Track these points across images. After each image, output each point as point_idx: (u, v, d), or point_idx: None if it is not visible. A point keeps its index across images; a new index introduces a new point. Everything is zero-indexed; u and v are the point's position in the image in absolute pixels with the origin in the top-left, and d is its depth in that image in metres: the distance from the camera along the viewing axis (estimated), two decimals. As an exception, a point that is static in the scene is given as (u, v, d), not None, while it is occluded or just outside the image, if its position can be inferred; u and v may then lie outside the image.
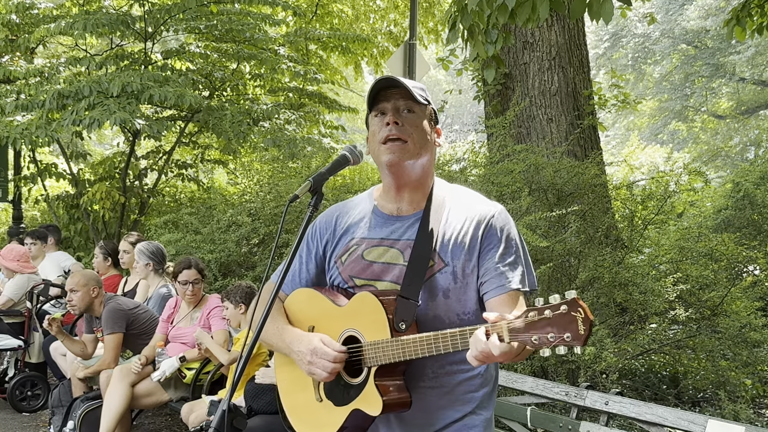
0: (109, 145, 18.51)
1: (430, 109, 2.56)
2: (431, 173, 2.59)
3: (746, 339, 6.83)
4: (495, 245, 2.45)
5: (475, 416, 2.53)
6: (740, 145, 30.99)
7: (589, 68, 9.53)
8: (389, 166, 2.49)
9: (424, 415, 2.49)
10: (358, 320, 2.43)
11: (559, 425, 4.51)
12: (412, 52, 11.84)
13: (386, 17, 17.67)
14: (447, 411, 2.50)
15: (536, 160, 6.84)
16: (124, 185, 11.30)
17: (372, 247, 2.53)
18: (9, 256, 8.14)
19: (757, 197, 9.46)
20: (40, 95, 9.57)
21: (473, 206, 2.53)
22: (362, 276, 2.52)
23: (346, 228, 2.63)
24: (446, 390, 2.49)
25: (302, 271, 2.68)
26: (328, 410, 2.47)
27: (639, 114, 33.73)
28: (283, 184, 8.82)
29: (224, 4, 10.76)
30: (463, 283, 2.45)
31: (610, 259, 6.45)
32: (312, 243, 2.69)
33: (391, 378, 2.38)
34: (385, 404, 2.33)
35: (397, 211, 2.56)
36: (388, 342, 2.32)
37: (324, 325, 2.52)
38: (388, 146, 2.48)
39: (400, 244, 2.50)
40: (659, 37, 32.96)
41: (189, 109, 10.16)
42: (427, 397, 2.48)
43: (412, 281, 2.41)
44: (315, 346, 2.41)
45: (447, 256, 2.45)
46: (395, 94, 2.49)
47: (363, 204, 2.67)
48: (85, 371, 6.59)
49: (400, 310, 2.36)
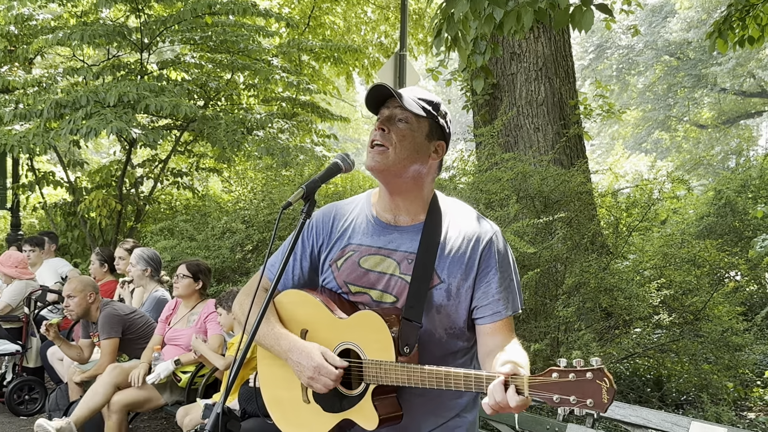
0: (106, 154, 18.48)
1: (432, 123, 2.50)
2: (424, 186, 2.54)
3: (728, 343, 6.85)
4: (493, 269, 2.46)
5: (459, 419, 2.56)
6: (722, 153, 31.14)
7: (574, 79, 9.56)
8: (368, 169, 2.51)
9: (410, 420, 2.49)
10: (359, 335, 2.42)
11: (546, 427, 4.51)
12: (403, 62, 11.86)
13: (377, 29, 17.71)
14: (432, 416, 2.54)
15: (524, 168, 6.85)
16: (120, 193, 11.27)
17: (369, 255, 2.52)
18: (7, 263, 8.11)
19: (738, 205, 9.52)
20: (38, 105, 9.55)
21: (471, 224, 2.52)
22: (357, 283, 2.51)
23: (342, 231, 2.61)
24: (433, 397, 2.50)
25: (295, 268, 2.66)
26: (315, 414, 2.48)
27: (623, 123, 33.86)
28: (276, 191, 8.81)
29: (219, 16, 10.75)
30: (455, 301, 2.45)
31: (596, 265, 6.46)
32: (307, 241, 2.66)
33: (387, 394, 2.40)
34: (380, 420, 2.36)
35: (395, 220, 2.54)
36: (393, 365, 2.32)
37: (318, 332, 2.50)
38: (370, 151, 2.49)
39: (397, 255, 2.48)
40: (643, 49, 33.11)
41: (184, 118, 10.14)
42: (414, 406, 2.49)
43: (415, 302, 2.41)
44: (318, 364, 2.39)
45: (444, 272, 2.44)
46: (396, 102, 2.47)
47: (360, 208, 2.64)
48: (82, 375, 6.56)
49: (405, 333, 2.37)
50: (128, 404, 5.87)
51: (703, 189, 12.06)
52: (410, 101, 2.45)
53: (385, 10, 17.16)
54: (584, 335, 6.04)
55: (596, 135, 34.00)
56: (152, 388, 5.97)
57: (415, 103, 2.46)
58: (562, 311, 6.11)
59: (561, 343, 6.16)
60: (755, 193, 9.62)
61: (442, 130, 2.54)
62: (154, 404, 6.05)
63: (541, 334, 6.19)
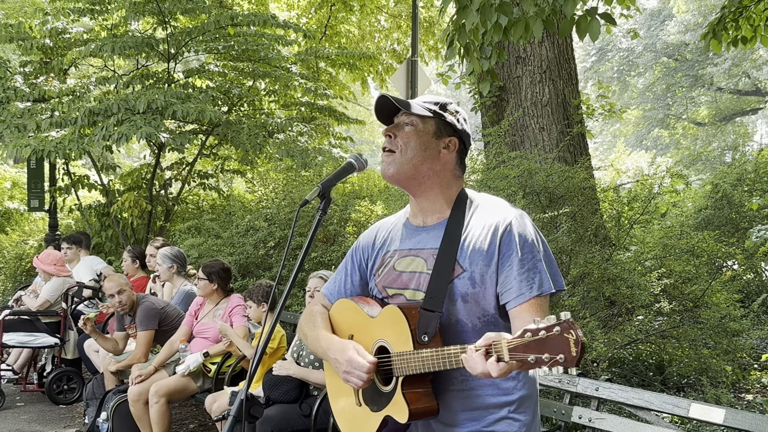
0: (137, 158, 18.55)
1: (439, 121, 2.46)
2: (444, 183, 2.48)
3: (726, 329, 6.81)
4: (513, 252, 2.30)
5: (512, 421, 2.34)
6: (718, 149, 30.93)
7: (577, 80, 9.51)
8: (383, 178, 2.49)
9: (453, 419, 2.36)
10: (386, 331, 2.37)
11: (554, 410, 4.50)
12: (414, 68, 11.87)
13: (390, 36, 17.70)
14: (476, 414, 2.35)
15: (529, 165, 6.83)
16: (150, 194, 11.32)
17: (401, 258, 2.47)
18: (47, 261, 8.16)
19: (735, 197, 9.46)
20: (72, 113, 9.61)
21: (494, 213, 2.40)
22: (393, 285, 2.47)
23: (383, 242, 2.58)
24: (476, 393, 2.34)
25: (347, 283, 2.63)
26: (366, 415, 2.42)
27: (624, 122, 33.69)
28: (296, 191, 8.83)
29: (240, 27, 10.77)
30: (481, 288, 2.32)
31: (599, 256, 6.44)
32: (355, 256, 2.64)
33: (419, 386, 2.30)
34: (411, 412, 2.26)
35: (423, 222, 2.50)
36: (411, 354, 2.25)
37: (361, 335, 2.46)
38: (382, 157, 2.48)
39: (424, 252, 2.42)
40: (642, 51, 32.93)
41: (209, 123, 10.17)
42: (455, 401, 2.35)
43: (436, 293, 2.32)
44: (350, 357, 2.34)
45: (465, 262, 2.34)
46: (405, 111, 2.45)
47: (398, 218, 2.62)
48: (117, 365, 6.60)
49: (423, 323, 2.28)
50: (168, 392, 5.91)
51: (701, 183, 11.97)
52: (412, 105, 2.43)
53: (398, 18, 17.15)
54: (589, 323, 6.02)
55: (599, 133, 33.86)
56: (188, 378, 6.02)
57: (419, 106, 2.43)
58: (567, 300, 6.09)
59: (567, 331, 6.14)
60: (751, 186, 9.55)
61: (453, 127, 2.49)
62: (190, 392, 6.09)
63: (548, 322, 6.16)
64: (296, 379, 5.10)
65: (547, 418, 4.81)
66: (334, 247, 7.87)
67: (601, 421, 4.23)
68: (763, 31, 7.64)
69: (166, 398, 5.87)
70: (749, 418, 3.65)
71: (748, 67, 30.21)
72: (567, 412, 4.39)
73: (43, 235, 13.24)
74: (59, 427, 7.08)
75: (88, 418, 6.64)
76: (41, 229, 15.11)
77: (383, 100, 2.45)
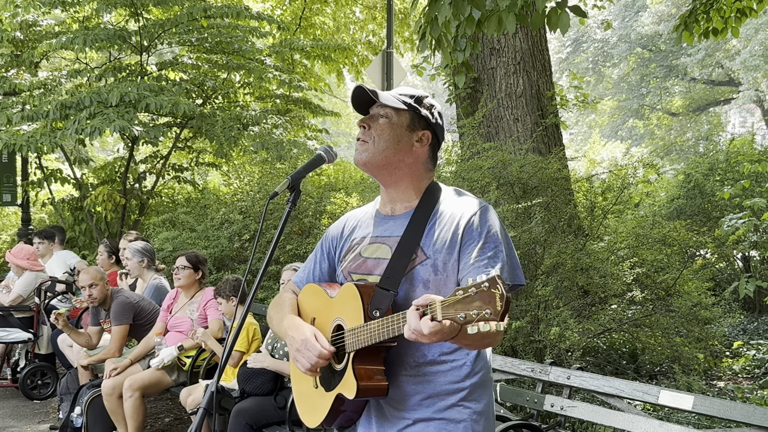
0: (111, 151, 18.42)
1: (413, 114, 2.47)
2: (415, 175, 2.50)
3: (698, 317, 6.91)
4: (474, 240, 2.32)
5: (462, 409, 2.35)
6: (692, 139, 31.18)
7: (551, 71, 9.56)
8: (354, 162, 2.51)
9: (403, 404, 2.36)
10: (343, 309, 2.38)
11: (526, 399, 4.55)
12: (390, 59, 11.87)
13: (365, 28, 17.67)
14: (428, 401, 2.35)
15: (503, 156, 6.86)
16: (124, 188, 11.25)
17: (368, 245, 2.49)
18: (19, 255, 8.11)
19: (707, 187, 9.56)
20: (44, 106, 9.50)
21: (461, 204, 2.43)
22: (358, 271, 2.48)
23: (351, 231, 2.60)
24: (428, 380, 2.35)
25: (315, 270, 2.64)
26: (321, 396, 2.42)
27: (600, 113, 33.90)
28: (271, 183, 8.82)
29: (214, 19, 10.71)
30: (443, 276, 2.34)
31: (573, 246, 6.49)
32: (324, 245, 2.66)
33: (370, 364, 2.29)
34: (360, 388, 2.25)
35: (392, 211, 2.52)
36: (361, 327, 2.25)
37: (322, 316, 2.48)
38: (356, 146, 2.50)
39: (390, 240, 2.44)
40: (617, 42, 33.09)
41: (183, 116, 10.11)
42: (407, 386, 2.35)
43: (392, 273, 2.34)
44: (306, 338, 2.34)
45: (429, 249, 2.36)
46: (377, 102, 2.47)
47: (368, 209, 2.64)
48: (89, 359, 6.58)
49: (376, 300, 2.29)
50: (142, 386, 5.89)
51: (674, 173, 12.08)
52: (388, 97, 2.44)
53: (373, 10, 17.11)
54: (562, 312, 6.07)
55: (575, 124, 34.03)
56: (162, 371, 6.01)
57: (394, 98, 2.44)
58: (541, 290, 6.14)
59: (540, 320, 6.20)
60: (722, 176, 9.65)
61: (427, 121, 2.50)
62: (165, 385, 6.08)
63: (521, 312, 6.22)
64: (271, 371, 5.11)
65: (519, 407, 4.86)
66: (309, 240, 7.88)
67: (573, 408, 4.28)
68: (734, 23, 7.72)
69: (141, 392, 5.86)
70: (717, 404, 3.71)
71: (721, 58, 30.47)
72: (539, 400, 4.44)
73: (16, 230, 13.13)
74: (33, 422, 7.04)
75: (62, 413, 6.62)
76: (14, 223, 14.97)
77: (359, 91, 2.46)
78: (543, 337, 6.00)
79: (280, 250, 7.78)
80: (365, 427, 2.44)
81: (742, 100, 30.97)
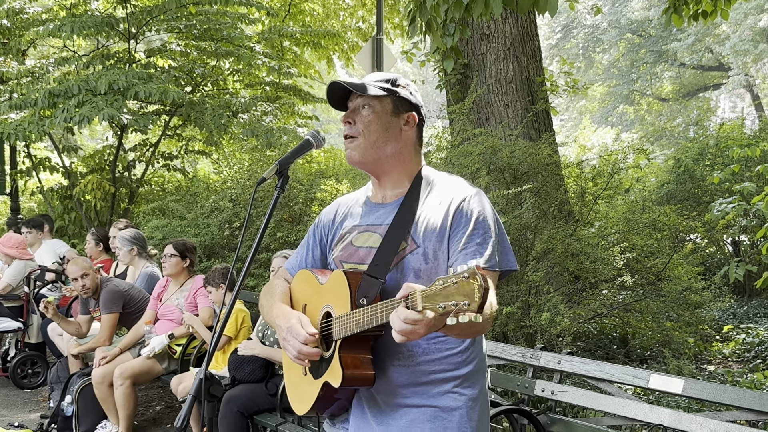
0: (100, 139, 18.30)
1: (394, 98, 2.43)
2: (406, 160, 2.47)
3: (688, 301, 6.93)
4: (463, 226, 2.29)
5: (457, 396, 2.32)
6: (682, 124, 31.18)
7: (541, 57, 9.53)
8: (348, 161, 2.46)
9: (397, 393, 2.33)
10: (332, 296, 2.36)
11: (517, 384, 4.55)
12: (380, 46, 11.81)
13: (355, 14, 17.59)
14: (422, 389, 2.32)
15: (494, 142, 6.85)
16: (113, 176, 11.20)
17: (359, 234, 2.46)
18: (8, 244, 8.08)
19: (696, 172, 9.58)
20: (32, 94, 9.44)
21: (451, 190, 2.39)
22: (350, 260, 2.45)
23: (342, 218, 2.58)
24: (421, 369, 2.32)
25: (308, 257, 2.62)
26: (309, 383, 2.40)
27: (590, 98, 33.89)
28: (261, 171, 8.77)
29: (202, 5, 10.64)
30: (434, 264, 2.31)
31: (563, 231, 6.49)
32: (316, 232, 2.64)
33: (357, 352, 2.27)
34: (345, 377, 2.22)
35: (383, 198, 2.49)
36: (347, 315, 2.22)
37: (312, 303, 2.46)
38: (345, 144, 2.47)
39: (381, 228, 2.41)
40: (607, 28, 33.05)
41: (172, 103, 10.06)
42: (401, 375, 2.32)
43: (381, 261, 2.31)
44: (291, 325, 2.32)
45: (419, 238, 2.33)
46: (356, 94, 2.42)
47: (359, 196, 2.61)
48: (79, 348, 6.56)
49: (363, 287, 2.27)
50: (133, 374, 5.88)
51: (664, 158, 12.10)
52: (366, 86, 2.40)
53: (362, -4, 17.05)
54: (553, 298, 6.08)
55: (565, 110, 34.02)
56: (153, 359, 6.00)
57: (371, 86, 2.40)
58: (531, 276, 6.14)
59: (531, 306, 6.20)
60: (712, 161, 9.67)
61: (409, 102, 2.46)
62: (155, 374, 6.07)
63: (512, 297, 6.22)
64: (262, 358, 5.11)
65: (510, 392, 4.86)
66: (300, 227, 7.85)
67: (564, 393, 4.28)
68: (723, 5, 7.70)
69: (131, 380, 5.85)
70: (707, 387, 3.72)
71: (711, 43, 30.47)
72: (530, 385, 4.44)
73: (5, 219, 13.07)
74: (24, 411, 7.02)
75: (53, 402, 6.60)
76: (3, 212, 14.91)
77: (335, 86, 2.42)
78: (534, 323, 6.01)
79: (271, 238, 7.75)
80: (358, 416, 2.42)
81: (731, 85, 30.97)
